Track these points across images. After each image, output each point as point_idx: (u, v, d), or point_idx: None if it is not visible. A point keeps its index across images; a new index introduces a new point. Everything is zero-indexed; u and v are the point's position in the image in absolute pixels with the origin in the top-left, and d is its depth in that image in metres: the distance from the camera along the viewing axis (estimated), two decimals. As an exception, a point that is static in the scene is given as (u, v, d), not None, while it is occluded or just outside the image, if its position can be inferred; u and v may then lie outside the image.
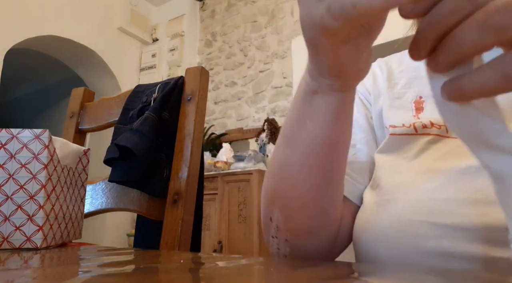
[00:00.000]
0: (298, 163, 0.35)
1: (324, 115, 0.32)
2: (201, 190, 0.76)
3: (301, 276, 0.25)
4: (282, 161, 0.36)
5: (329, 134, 0.33)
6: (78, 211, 0.57)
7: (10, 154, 0.46)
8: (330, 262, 0.31)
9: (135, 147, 0.67)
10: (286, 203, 0.36)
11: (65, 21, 3.06)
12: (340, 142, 0.34)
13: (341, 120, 0.33)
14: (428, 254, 0.32)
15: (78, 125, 0.90)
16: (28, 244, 0.45)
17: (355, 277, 0.25)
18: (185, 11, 3.67)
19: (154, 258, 0.37)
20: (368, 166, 0.45)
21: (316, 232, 0.37)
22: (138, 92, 0.82)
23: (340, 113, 0.32)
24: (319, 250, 0.39)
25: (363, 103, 0.50)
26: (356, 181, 0.44)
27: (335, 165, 0.35)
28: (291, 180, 0.35)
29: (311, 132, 0.33)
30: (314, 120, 0.33)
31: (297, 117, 0.34)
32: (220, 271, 0.27)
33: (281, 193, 0.36)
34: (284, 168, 0.36)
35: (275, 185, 0.37)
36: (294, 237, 0.37)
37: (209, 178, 2.55)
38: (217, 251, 2.37)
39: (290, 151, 0.35)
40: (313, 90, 0.32)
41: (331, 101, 0.32)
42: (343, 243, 0.43)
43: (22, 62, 3.89)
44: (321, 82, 0.30)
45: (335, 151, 0.34)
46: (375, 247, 0.36)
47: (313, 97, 0.32)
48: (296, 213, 0.36)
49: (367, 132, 0.47)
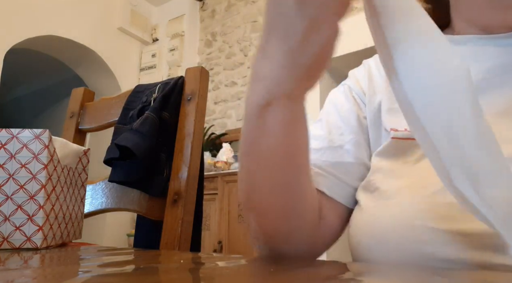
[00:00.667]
0: (258, 171, 0.35)
1: (277, 127, 0.32)
2: (201, 190, 0.76)
3: (302, 276, 0.25)
4: (245, 169, 0.36)
5: (282, 144, 0.33)
6: (78, 211, 0.57)
7: (10, 154, 0.46)
8: (330, 262, 0.31)
9: (135, 147, 0.67)
10: (257, 209, 0.37)
11: (65, 21, 3.06)
12: (299, 149, 0.35)
13: (295, 130, 0.33)
14: (429, 259, 0.32)
15: (78, 125, 0.90)
16: (28, 244, 0.45)
17: (356, 278, 0.25)
18: (185, 11, 3.67)
19: (154, 258, 0.37)
20: (356, 167, 0.45)
21: (292, 234, 0.38)
22: (138, 92, 0.82)
23: (293, 123, 0.32)
24: (298, 250, 0.39)
25: (357, 103, 0.49)
26: (343, 182, 0.44)
27: (295, 168, 0.35)
28: (257, 188, 0.36)
29: (265, 145, 0.33)
30: (267, 134, 0.33)
31: (251, 132, 0.34)
32: (220, 271, 0.27)
33: (251, 200, 0.37)
34: (248, 177, 0.36)
35: (245, 191, 0.37)
36: (271, 240, 0.38)
37: (209, 178, 2.55)
38: (217, 251, 2.37)
39: (251, 159, 0.35)
40: (267, 102, 0.31)
41: (284, 113, 0.32)
42: (326, 243, 0.43)
43: (22, 62, 3.89)
44: (284, 88, 0.30)
45: (292, 157, 0.34)
46: (375, 251, 0.36)
47: (266, 111, 0.32)
48: (268, 218, 0.37)
49: (357, 133, 0.46)
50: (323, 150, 0.45)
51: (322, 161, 0.44)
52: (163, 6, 3.84)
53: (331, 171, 0.44)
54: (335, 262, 0.31)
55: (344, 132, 0.46)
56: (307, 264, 0.31)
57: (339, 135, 0.46)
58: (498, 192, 0.24)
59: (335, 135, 0.46)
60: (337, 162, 0.44)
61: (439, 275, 0.24)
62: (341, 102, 0.49)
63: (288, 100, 0.31)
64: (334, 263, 0.30)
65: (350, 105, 0.48)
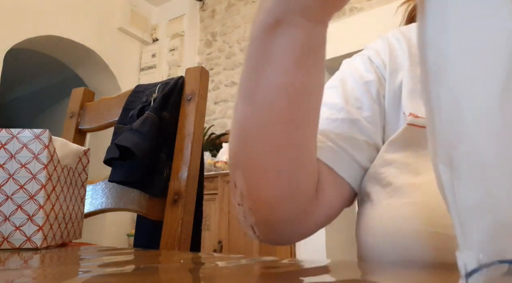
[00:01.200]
0: (257, 122, 0.29)
1: (287, 58, 0.26)
2: (201, 190, 0.76)
3: (302, 276, 0.25)
4: (240, 120, 0.31)
5: (293, 84, 0.27)
6: (78, 211, 0.57)
7: (10, 154, 0.46)
8: (331, 262, 0.31)
9: (135, 147, 0.67)
10: (247, 168, 0.32)
11: (65, 21, 3.06)
12: (307, 94, 0.29)
13: (308, 63, 0.27)
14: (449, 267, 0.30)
15: (78, 125, 0.90)
16: (28, 244, 0.45)
17: (360, 278, 0.25)
18: (185, 11, 3.67)
19: (154, 258, 0.37)
20: (369, 148, 0.39)
21: (281, 204, 0.32)
22: (138, 92, 0.82)
23: (307, 54, 0.26)
24: (286, 224, 0.34)
25: (378, 77, 0.42)
26: (354, 159, 0.38)
27: (301, 121, 0.29)
28: (251, 142, 0.30)
29: (272, 81, 0.27)
30: (274, 65, 0.27)
31: (253, 64, 0.28)
32: (220, 271, 0.27)
33: (242, 156, 0.32)
34: (243, 128, 0.31)
35: (237, 147, 0.32)
36: (257, 207, 0.33)
37: (209, 178, 2.55)
38: (217, 251, 2.37)
39: (248, 108, 0.30)
40: (277, 20, 0.25)
41: (297, 38, 0.26)
42: (318, 221, 0.37)
43: (22, 62, 3.90)
44: (294, 2, 0.24)
45: (301, 104, 0.28)
46: (385, 255, 0.33)
47: (274, 34, 0.26)
48: (257, 181, 0.31)
49: (375, 111, 0.40)
50: (338, 122, 0.39)
51: (335, 133, 0.38)
52: (163, 6, 3.84)
53: (343, 145, 0.38)
54: (336, 261, 0.30)
55: (362, 106, 0.40)
56: (307, 264, 0.31)
57: (356, 108, 0.40)
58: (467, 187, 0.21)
59: (352, 107, 0.40)
60: (352, 137, 0.38)
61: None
62: (360, 71, 0.43)
63: (305, 19, 0.25)
64: (336, 262, 0.30)
65: (372, 77, 0.42)
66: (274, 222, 0.34)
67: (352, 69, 0.44)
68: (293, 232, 0.35)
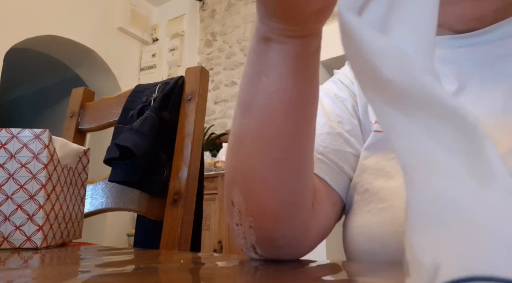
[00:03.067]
0: (255, 133, 0.29)
1: (281, 67, 0.27)
2: (201, 190, 0.76)
3: (302, 276, 0.25)
4: (238, 132, 0.31)
5: (289, 91, 0.27)
6: (78, 211, 0.57)
7: (10, 154, 0.46)
8: (332, 262, 0.31)
9: (135, 147, 0.67)
10: (245, 182, 0.31)
11: (65, 21, 3.06)
12: (304, 101, 0.29)
13: (303, 73, 0.27)
14: None
15: (78, 125, 0.90)
16: (28, 244, 0.45)
17: (357, 278, 0.25)
18: (185, 11, 3.67)
19: (154, 258, 0.37)
20: (354, 158, 0.42)
21: (283, 216, 0.32)
22: (138, 92, 0.82)
23: (300, 64, 0.27)
24: (289, 239, 0.33)
25: (350, 93, 0.45)
26: (342, 171, 0.40)
27: (299, 131, 0.30)
28: (249, 153, 0.30)
29: (268, 91, 0.28)
30: (270, 75, 0.27)
31: (250, 75, 0.29)
32: (220, 271, 0.27)
33: (239, 170, 0.31)
34: (241, 140, 0.31)
35: (235, 161, 0.32)
36: (258, 223, 0.32)
37: (209, 178, 2.55)
38: (217, 251, 2.37)
39: (246, 119, 0.30)
40: (265, 37, 0.26)
41: (289, 50, 0.26)
42: (319, 233, 0.37)
43: (22, 62, 3.89)
44: (272, 26, 0.25)
45: (298, 113, 0.29)
46: (372, 258, 0.34)
47: (267, 47, 0.27)
48: (257, 194, 0.31)
49: (354, 124, 0.43)
50: (324, 135, 0.41)
51: (323, 146, 0.40)
52: (163, 6, 3.84)
53: (332, 158, 0.40)
54: (336, 262, 0.30)
55: (343, 120, 0.43)
56: (307, 265, 0.31)
57: (338, 122, 0.43)
58: None
59: (334, 122, 0.43)
60: (339, 149, 0.41)
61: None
62: (334, 91, 0.46)
63: (287, 36, 0.26)
64: (335, 263, 0.30)
65: (345, 95, 0.45)
66: (276, 238, 0.32)
67: (325, 90, 0.47)
68: (295, 248, 0.34)
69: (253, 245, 0.33)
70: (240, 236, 0.34)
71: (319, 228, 0.37)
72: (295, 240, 0.34)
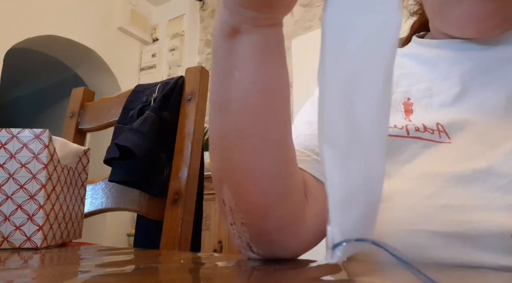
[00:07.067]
0: (235, 128, 0.30)
1: (253, 59, 0.27)
2: (201, 190, 0.76)
3: (302, 276, 0.25)
4: (218, 133, 0.31)
5: (263, 80, 0.28)
6: (78, 211, 0.57)
7: (10, 154, 0.46)
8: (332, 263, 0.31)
9: (135, 147, 0.67)
10: (232, 178, 0.31)
11: (65, 21, 3.06)
12: (277, 88, 0.30)
13: (273, 61, 0.28)
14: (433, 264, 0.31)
15: (78, 125, 0.90)
16: (28, 244, 0.45)
17: (357, 278, 0.25)
18: (185, 11, 3.67)
19: (154, 258, 0.37)
20: None
21: (271, 209, 0.31)
22: (138, 92, 0.82)
23: (270, 52, 0.28)
24: (282, 232, 0.33)
25: None
26: None
27: (275, 117, 0.30)
28: (232, 150, 0.30)
29: (243, 84, 0.28)
30: (242, 69, 0.28)
31: (221, 73, 0.29)
32: (220, 271, 0.27)
33: (225, 167, 0.32)
34: (222, 140, 0.31)
35: (219, 160, 0.32)
36: (249, 218, 0.32)
37: (209, 178, 2.54)
38: (217, 251, 2.37)
39: (224, 116, 0.30)
40: (233, 28, 0.27)
41: (259, 40, 0.27)
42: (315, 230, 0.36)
43: (22, 62, 3.89)
44: (243, 14, 0.26)
45: (273, 100, 0.29)
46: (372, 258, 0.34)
47: (235, 39, 0.27)
48: (244, 187, 0.31)
49: None
50: None
51: (316, 146, 0.40)
52: (163, 6, 3.84)
53: None
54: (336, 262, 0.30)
55: None
56: (307, 264, 0.31)
57: None
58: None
59: None
60: None
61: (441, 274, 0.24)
62: None
63: (256, 26, 0.26)
64: (335, 263, 0.30)
65: None
66: (267, 231, 0.32)
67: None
68: (290, 243, 0.34)
69: (248, 243, 0.33)
70: (235, 236, 0.34)
71: (315, 224, 0.37)
72: (289, 234, 0.33)
